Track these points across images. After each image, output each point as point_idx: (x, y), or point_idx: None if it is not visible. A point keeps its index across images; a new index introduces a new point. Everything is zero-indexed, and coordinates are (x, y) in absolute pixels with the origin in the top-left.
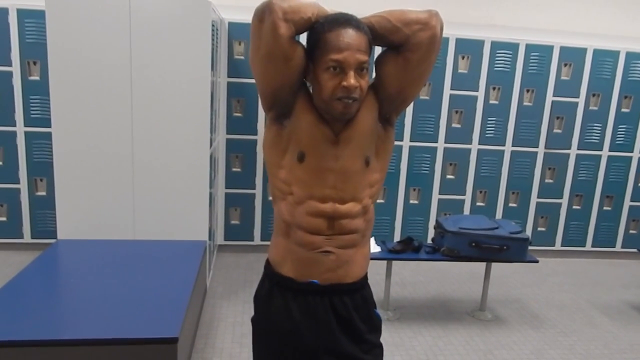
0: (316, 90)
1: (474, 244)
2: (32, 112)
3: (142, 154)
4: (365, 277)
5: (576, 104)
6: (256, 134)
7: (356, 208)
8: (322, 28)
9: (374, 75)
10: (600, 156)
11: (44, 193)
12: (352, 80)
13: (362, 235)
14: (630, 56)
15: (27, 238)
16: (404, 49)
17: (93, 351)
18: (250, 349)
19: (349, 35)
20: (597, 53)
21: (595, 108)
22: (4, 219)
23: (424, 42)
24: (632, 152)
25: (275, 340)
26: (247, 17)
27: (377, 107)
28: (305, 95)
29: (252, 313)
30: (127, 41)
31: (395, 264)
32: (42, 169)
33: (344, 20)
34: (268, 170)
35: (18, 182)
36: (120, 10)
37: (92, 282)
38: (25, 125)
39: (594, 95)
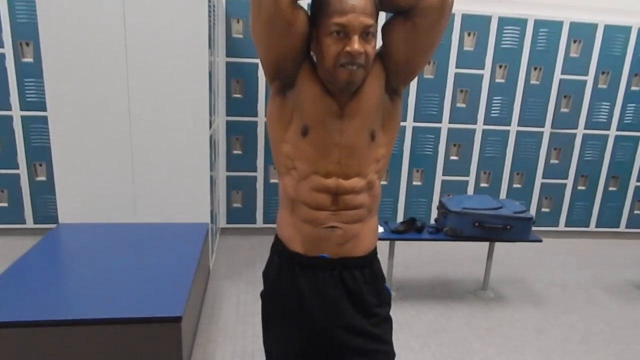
0: (320, 58)
1: (477, 224)
2: (28, 95)
3: (141, 136)
4: (375, 252)
5: (585, 82)
6: (257, 116)
7: (360, 183)
8: None
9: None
10: (607, 136)
11: (44, 178)
12: (356, 45)
13: (369, 210)
14: None
15: (29, 223)
16: (413, 14)
17: (98, 330)
18: (254, 327)
19: None
20: (608, 29)
21: (604, 86)
22: (5, 204)
23: (434, 6)
24: None
25: (285, 315)
26: None
27: (384, 77)
28: (309, 66)
29: (256, 293)
30: (121, 20)
31: (398, 245)
32: (40, 153)
33: None
34: (272, 145)
35: (17, 168)
36: None
37: (95, 264)
38: (21, 109)
39: (603, 73)
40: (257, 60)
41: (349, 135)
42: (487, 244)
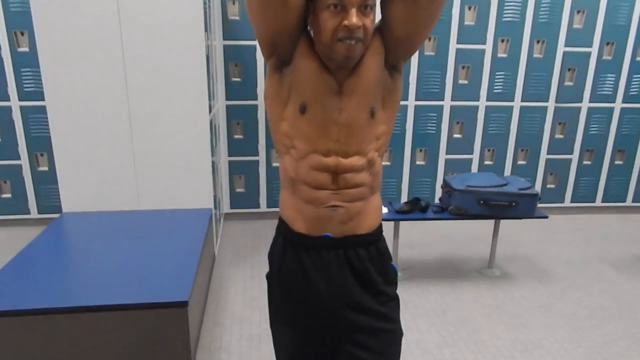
0: (317, 33)
1: (482, 202)
2: (25, 85)
3: (140, 124)
4: (380, 230)
5: (589, 54)
6: (257, 99)
7: (360, 162)
8: None
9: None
10: (612, 109)
11: (45, 168)
12: (354, 18)
13: (370, 188)
14: None
15: (34, 213)
16: None
17: (105, 317)
18: (260, 311)
19: None
20: None
21: (609, 58)
22: (8, 195)
23: None
24: None
25: (291, 295)
26: None
27: (383, 52)
28: (306, 42)
29: (261, 278)
30: (115, 6)
31: (403, 225)
32: (41, 143)
33: None
34: (270, 123)
35: (19, 158)
36: None
37: (100, 252)
38: (19, 100)
39: (607, 43)
40: (255, 43)
41: (348, 113)
42: (492, 221)
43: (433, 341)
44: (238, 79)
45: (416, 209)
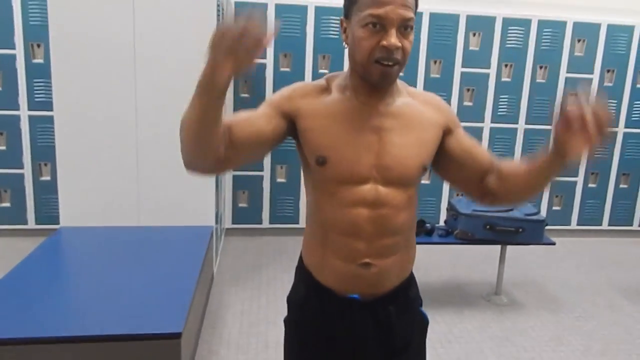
0: (351, 51)
1: (488, 227)
2: (36, 95)
3: (146, 138)
4: (411, 275)
5: (590, 80)
6: None
7: (401, 196)
8: None
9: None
10: (615, 133)
11: (48, 178)
12: (392, 39)
13: (406, 239)
14: None
15: (31, 224)
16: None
17: (93, 348)
18: (258, 338)
19: None
20: (611, 28)
21: (610, 84)
22: (7, 204)
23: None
24: None
25: (315, 347)
26: None
27: (440, 133)
28: (309, 97)
29: (261, 300)
30: (130, 26)
31: None
32: (46, 153)
33: None
34: (302, 166)
35: (22, 167)
36: None
37: (94, 273)
38: (29, 109)
39: (608, 71)
40: (266, 61)
41: (388, 133)
42: (498, 245)
43: None
44: (246, 95)
45: (422, 232)
